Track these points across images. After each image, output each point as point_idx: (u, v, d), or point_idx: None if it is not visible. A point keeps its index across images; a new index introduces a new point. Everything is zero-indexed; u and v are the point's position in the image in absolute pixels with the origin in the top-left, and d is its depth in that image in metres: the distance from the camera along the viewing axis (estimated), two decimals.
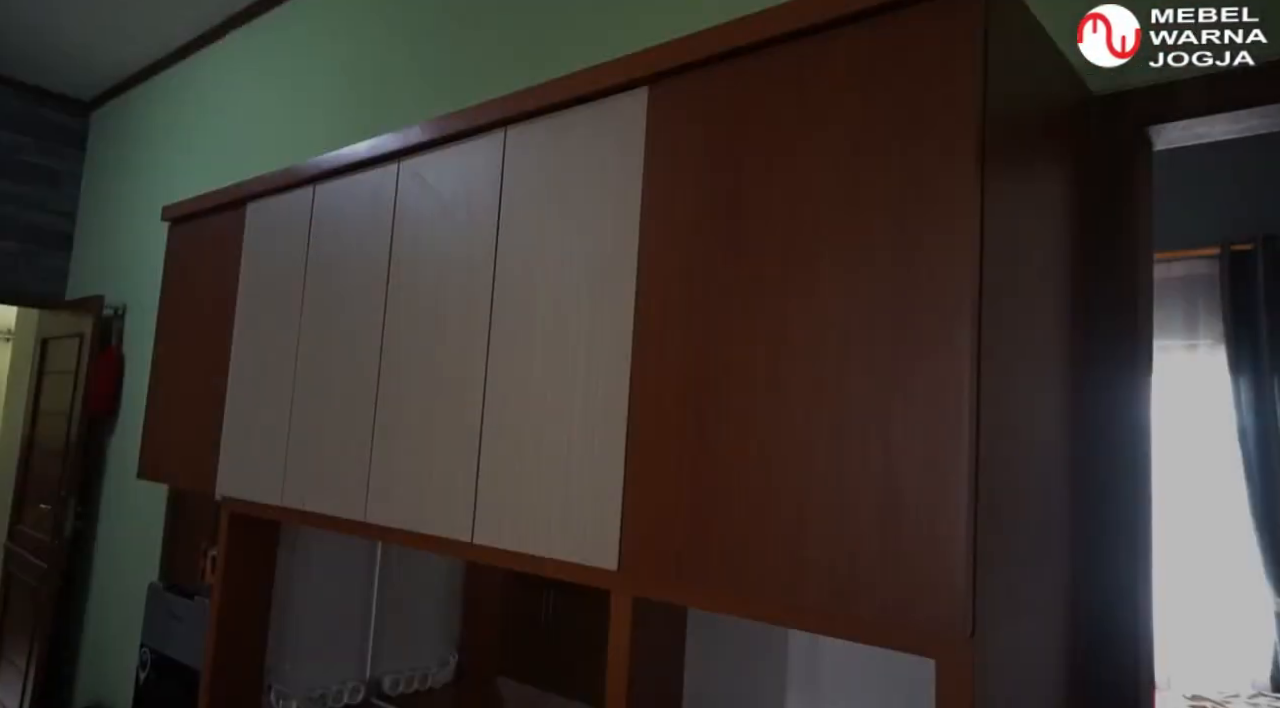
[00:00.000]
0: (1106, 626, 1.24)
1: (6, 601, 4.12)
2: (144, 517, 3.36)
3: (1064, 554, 1.17)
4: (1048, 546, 1.11)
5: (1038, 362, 1.10)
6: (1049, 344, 1.14)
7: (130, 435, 3.38)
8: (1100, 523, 1.25)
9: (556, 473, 1.29)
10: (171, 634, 2.21)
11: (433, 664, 2.39)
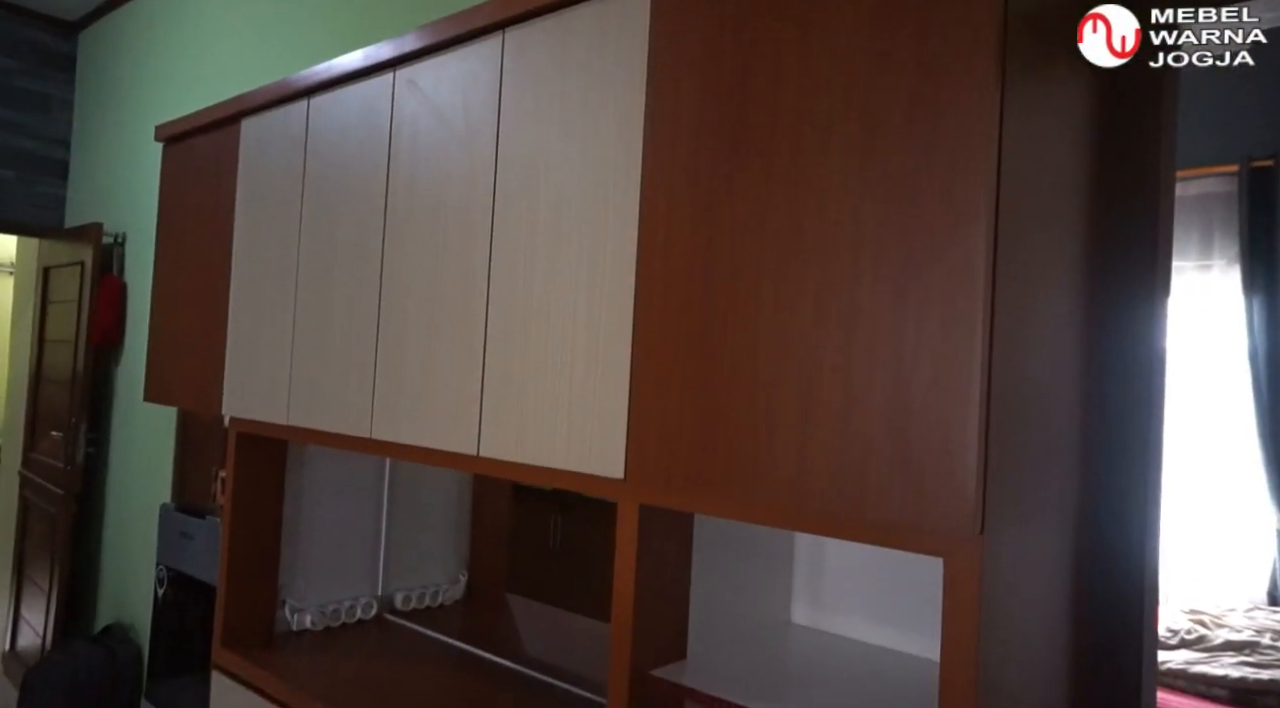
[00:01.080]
0: (1114, 539, 1.23)
1: (25, 526, 4.20)
2: (155, 442, 3.40)
3: (1074, 467, 1.16)
4: (1059, 456, 1.10)
5: (1054, 272, 1.07)
6: (1066, 257, 1.11)
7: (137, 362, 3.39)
8: (1113, 440, 1.24)
9: (561, 383, 1.27)
10: (185, 553, 2.25)
11: (443, 582, 2.43)
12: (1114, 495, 1.23)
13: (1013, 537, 0.95)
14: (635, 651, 1.18)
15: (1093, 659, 1.22)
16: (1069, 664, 1.16)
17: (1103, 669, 1.22)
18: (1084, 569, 1.21)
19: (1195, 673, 2.59)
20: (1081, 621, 1.19)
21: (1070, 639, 1.16)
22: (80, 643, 3.39)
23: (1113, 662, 1.22)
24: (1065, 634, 1.15)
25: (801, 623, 1.48)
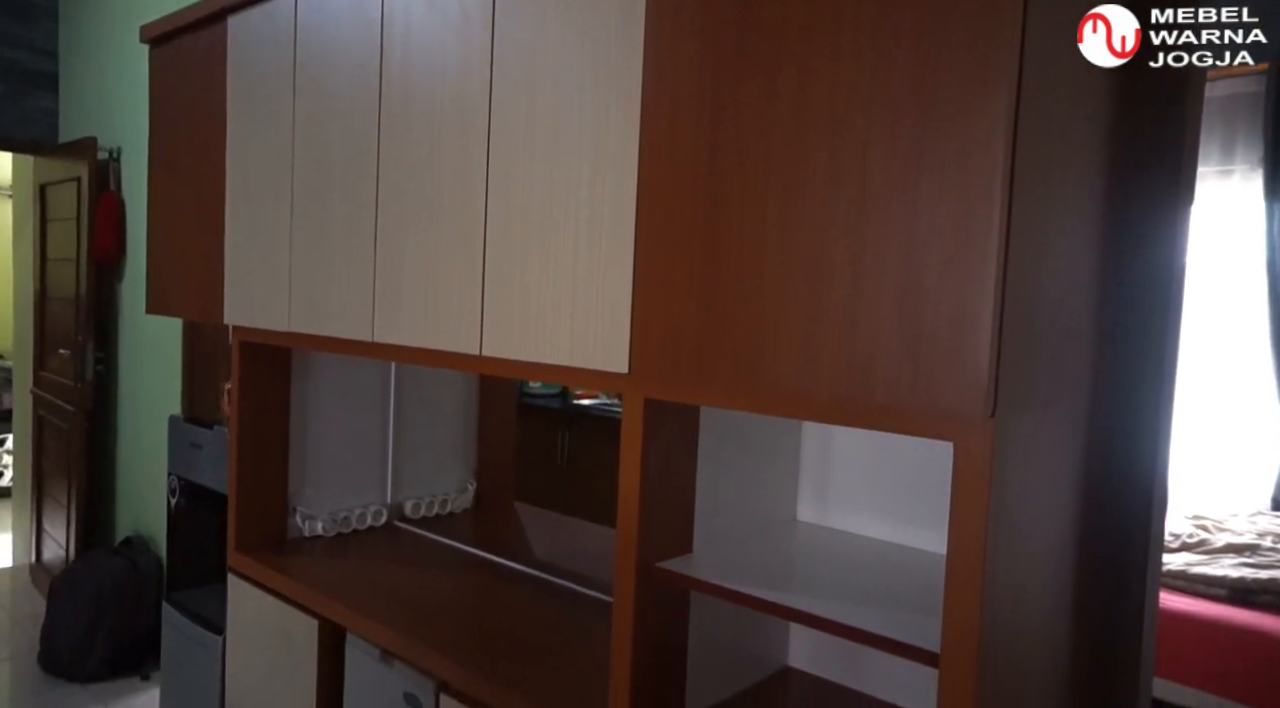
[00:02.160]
0: (1125, 442, 1.22)
1: (41, 443, 4.26)
2: (162, 357, 3.40)
3: (1088, 368, 1.14)
4: (1072, 352, 1.07)
5: (1078, 158, 1.02)
6: (1089, 148, 1.05)
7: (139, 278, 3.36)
8: (1128, 345, 1.21)
9: (564, 278, 1.25)
10: (195, 462, 2.27)
11: (452, 491, 2.46)
12: (1126, 400, 1.21)
13: (1023, 425, 0.93)
14: (641, 544, 1.19)
15: (1098, 559, 1.22)
16: (1074, 563, 1.16)
17: (1107, 569, 1.22)
18: (1093, 470, 1.20)
19: (1195, 574, 2.63)
20: (1088, 520, 1.19)
21: (1076, 538, 1.16)
22: (102, 554, 3.47)
23: (1117, 562, 1.23)
24: (1071, 533, 1.14)
25: (807, 520, 1.49)
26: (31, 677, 3.33)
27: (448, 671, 1.48)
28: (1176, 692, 2.43)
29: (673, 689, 1.27)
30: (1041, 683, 1.08)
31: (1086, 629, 1.21)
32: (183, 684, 2.29)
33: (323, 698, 1.78)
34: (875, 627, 0.99)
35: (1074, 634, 1.18)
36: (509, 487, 2.61)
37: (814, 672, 1.47)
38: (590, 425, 4.90)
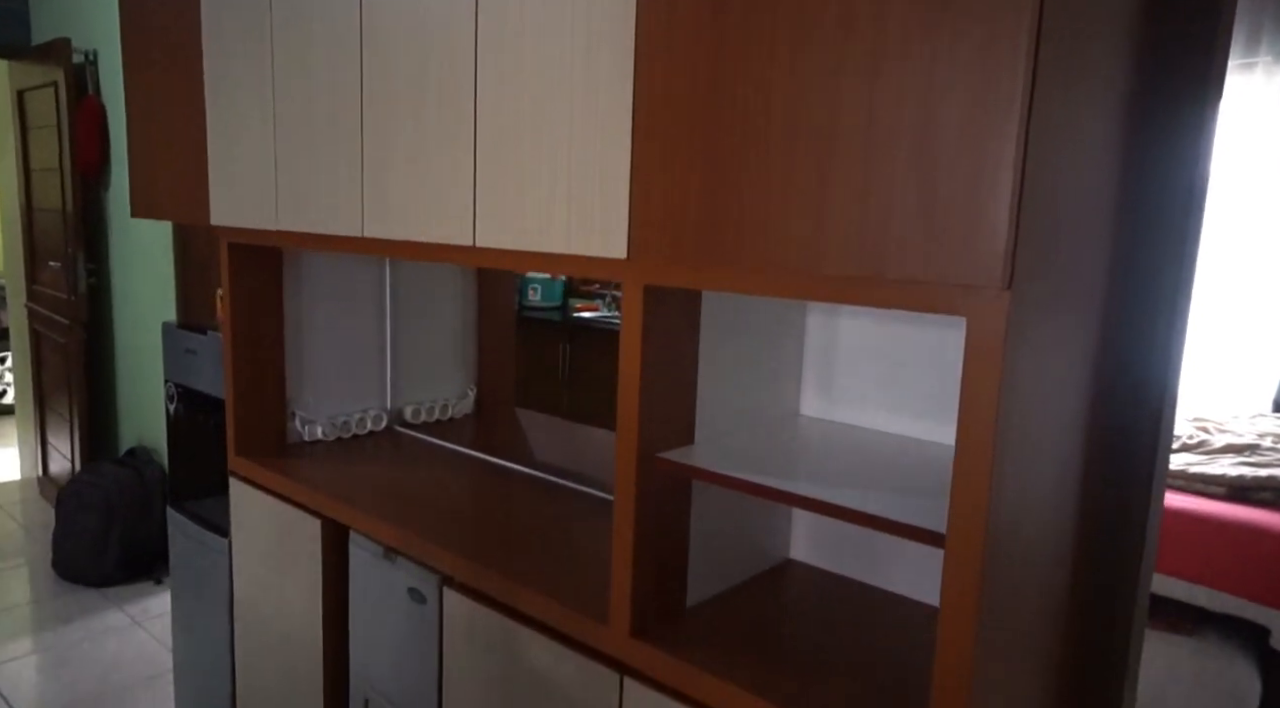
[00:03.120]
0: (1138, 343, 1.19)
1: (40, 357, 4.24)
2: (155, 266, 3.35)
3: (1104, 257, 1.09)
4: (1090, 237, 1.02)
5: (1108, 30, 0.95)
6: (1115, 23, 0.97)
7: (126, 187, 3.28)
8: (1146, 242, 1.16)
9: (558, 160, 1.19)
10: (192, 368, 2.25)
11: (452, 396, 2.45)
12: (1142, 301, 1.17)
13: (1038, 302, 0.89)
14: (642, 434, 1.16)
15: (1105, 457, 1.20)
16: (1081, 458, 1.14)
17: (1114, 468, 1.21)
18: (1104, 368, 1.17)
19: (1193, 473, 2.64)
20: (1097, 419, 1.16)
21: (1084, 434, 1.13)
22: (107, 465, 3.50)
23: (1124, 461, 1.21)
24: (1080, 428, 1.12)
25: (811, 415, 1.47)
26: (49, 581, 3.41)
27: (451, 565, 1.49)
28: (1168, 585, 2.48)
29: (674, 580, 1.27)
30: (1045, 572, 1.08)
31: (1090, 525, 1.20)
32: (193, 587, 2.32)
33: (329, 595, 1.80)
34: (880, 510, 0.97)
35: (1078, 529, 1.17)
36: (510, 392, 2.60)
37: (816, 564, 1.48)
38: (591, 338, 4.87)
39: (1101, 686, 1.28)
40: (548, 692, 1.32)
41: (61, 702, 2.58)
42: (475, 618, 1.44)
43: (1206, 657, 2.44)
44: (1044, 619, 1.11)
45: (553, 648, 1.31)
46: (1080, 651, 1.26)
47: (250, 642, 2.08)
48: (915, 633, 1.25)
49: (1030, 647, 1.08)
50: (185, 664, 2.43)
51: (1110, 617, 1.26)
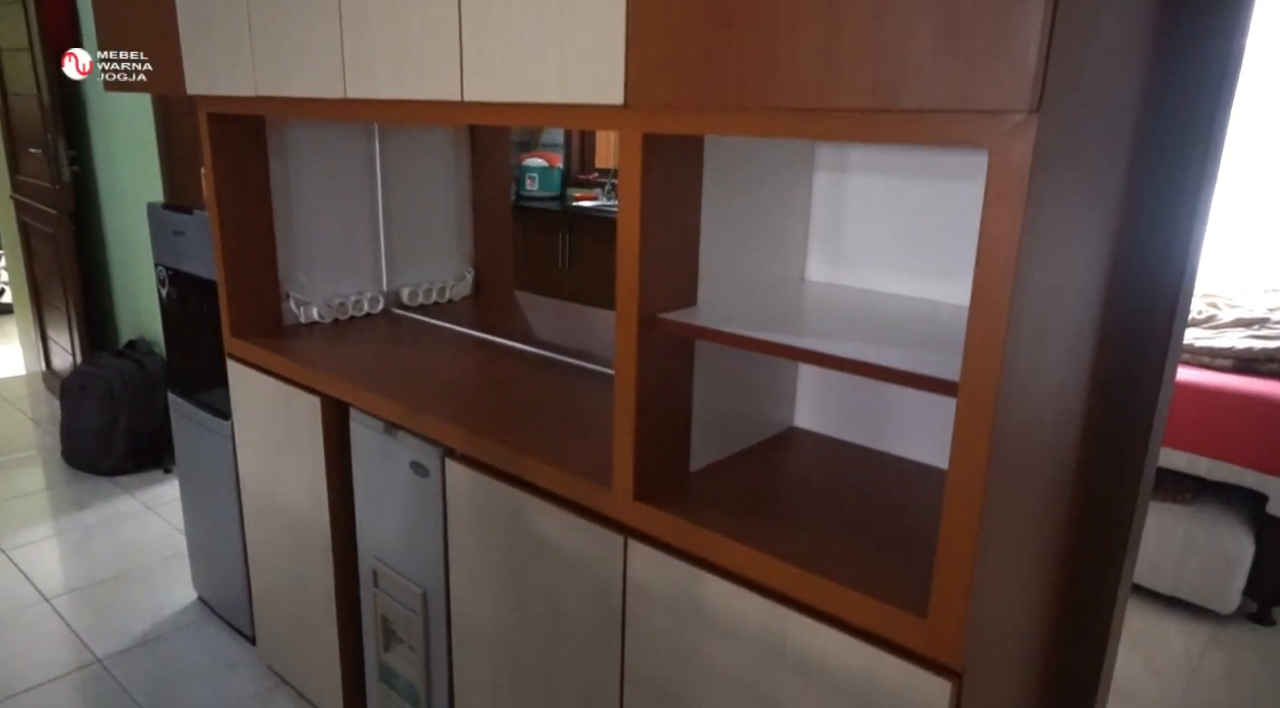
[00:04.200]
0: (1159, 216, 1.13)
1: (31, 249, 4.17)
2: (139, 150, 3.24)
3: (1130, 117, 1.02)
4: (1119, 82, 0.95)
5: None
6: None
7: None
8: (1175, 116, 1.09)
9: (548, 2, 1.10)
10: (180, 250, 2.19)
11: (449, 279, 2.40)
12: (1167, 173, 1.11)
13: (1064, 140, 0.83)
14: (643, 294, 1.12)
15: (1120, 327, 1.16)
16: (1097, 327, 1.10)
17: (1128, 340, 1.17)
18: (1126, 236, 1.12)
19: (1201, 347, 2.61)
20: (1115, 287, 1.12)
21: (1101, 302, 1.10)
22: (107, 357, 3.49)
23: (1139, 333, 1.17)
24: (1098, 296, 1.08)
25: (818, 279, 1.42)
26: (61, 471, 3.45)
27: (453, 437, 1.48)
28: (1169, 456, 2.49)
29: (677, 445, 1.25)
30: (1054, 435, 1.06)
31: (1101, 394, 1.18)
32: (198, 471, 2.34)
33: (332, 472, 1.80)
34: (891, 362, 0.94)
35: (1089, 396, 1.15)
36: (509, 275, 2.55)
37: (821, 431, 1.47)
38: (591, 227, 4.78)
39: (1103, 551, 1.29)
40: (553, 557, 1.33)
41: (82, 582, 2.65)
42: (478, 489, 1.44)
43: (1201, 524, 2.48)
44: (1051, 482, 1.10)
45: (556, 514, 1.31)
46: (1084, 517, 1.26)
47: (258, 521, 2.11)
48: (922, 494, 1.24)
49: (1037, 508, 1.07)
50: (198, 545, 2.48)
51: (1116, 485, 1.25)
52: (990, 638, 0.98)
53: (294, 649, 2.09)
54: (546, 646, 1.39)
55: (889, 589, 0.96)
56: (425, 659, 1.68)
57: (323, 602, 1.92)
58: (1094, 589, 1.29)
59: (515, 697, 1.48)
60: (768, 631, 1.06)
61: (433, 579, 1.62)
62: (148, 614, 2.48)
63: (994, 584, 0.95)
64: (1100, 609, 1.30)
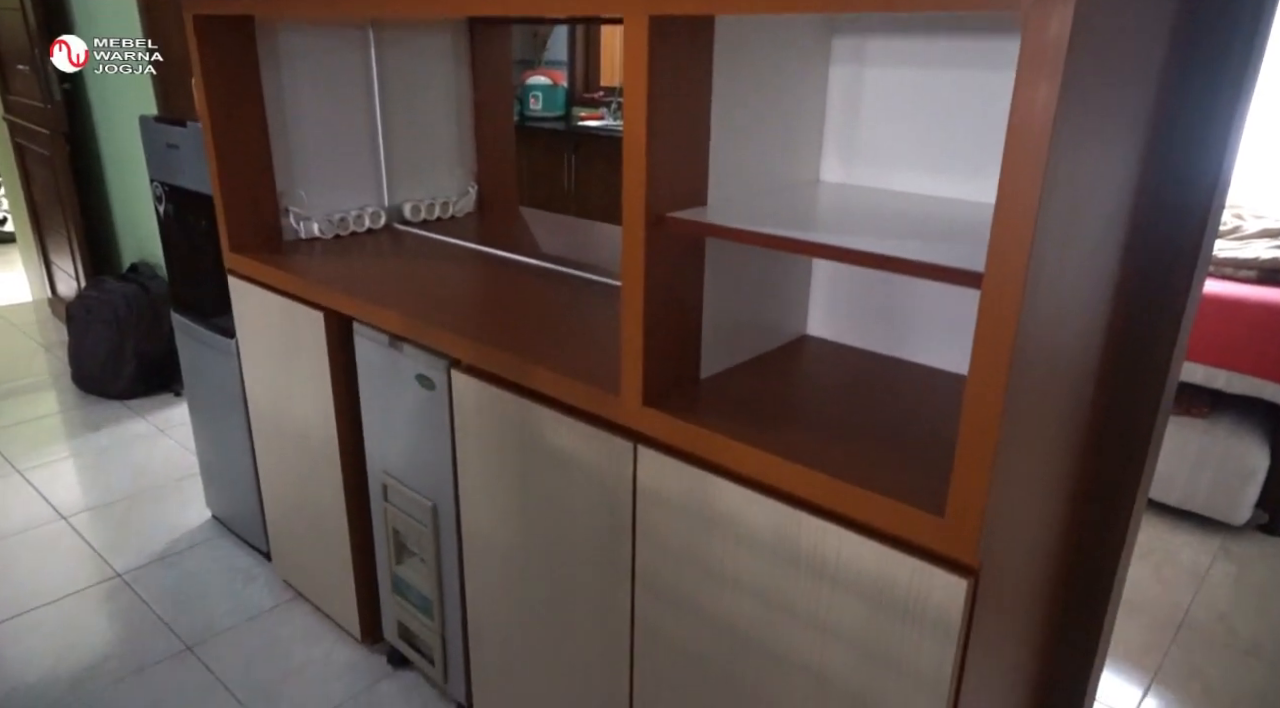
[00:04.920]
0: (1194, 124, 1.07)
1: (28, 172, 4.11)
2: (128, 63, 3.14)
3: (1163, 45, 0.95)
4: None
5: None
6: None
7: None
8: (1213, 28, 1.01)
9: None
10: (175, 165, 2.13)
11: (452, 194, 2.34)
12: (1202, 81, 1.03)
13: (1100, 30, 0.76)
14: (650, 191, 1.07)
15: (1148, 237, 1.11)
16: (1125, 233, 1.05)
17: (1155, 256, 1.12)
18: (1158, 143, 1.05)
19: (1224, 258, 2.55)
20: (1145, 195, 1.07)
21: (1132, 209, 1.04)
22: (111, 281, 3.46)
23: (1166, 250, 1.12)
24: (1129, 201, 1.02)
25: (833, 181, 1.37)
26: (72, 395, 3.47)
27: (459, 349, 1.45)
28: (1187, 369, 2.45)
29: (686, 351, 1.22)
30: (1078, 341, 1.02)
31: (1126, 304, 1.14)
32: (205, 391, 2.34)
33: (338, 387, 1.79)
34: (912, 254, 0.90)
35: (1114, 306, 1.11)
36: (513, 189, 2.48)
37: (835, 339, 1.43)
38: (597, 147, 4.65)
39: (1120, 463, 1.26)
40: (562, 467, 1.32)
41: (98, 501, 2.68)
42: (485, 400, 1.42)
43: (1217, 437, 2.45)
44: (1072, 389, 1.07)
45: (565, 423, 1.28)
46: (1103, 429, 1.23)
47: (267, 440, 2.11)
48: (939, 399, 1.21)
49: (1057, 414, 1.04)
50: (209, 465, 2.49)
51: (1136, 398, 1.22)
52: (1006, 540, 0.96)
53: (308, 564, 2.12)
54: (557, 554, 1.38)
55: (905, 490, 0.94)
56: (437, 571, 1.70)
57: (334, 517, 1.93)
58: (1109, 501, 1.27)
59: (526, 606, 1.49)
60: (780, 534, 1.04)
61: (442, 492, 1.61)
62: (164, 532, 2.51)
63: (1012, 486, 0.93)
64: (1115, 520, 1.28)
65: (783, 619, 1.07)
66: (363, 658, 2.00)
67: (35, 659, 1.99)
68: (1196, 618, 2.20)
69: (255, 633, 2.08)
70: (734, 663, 1.15)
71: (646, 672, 1.29)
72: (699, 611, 1.18)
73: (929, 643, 0.93)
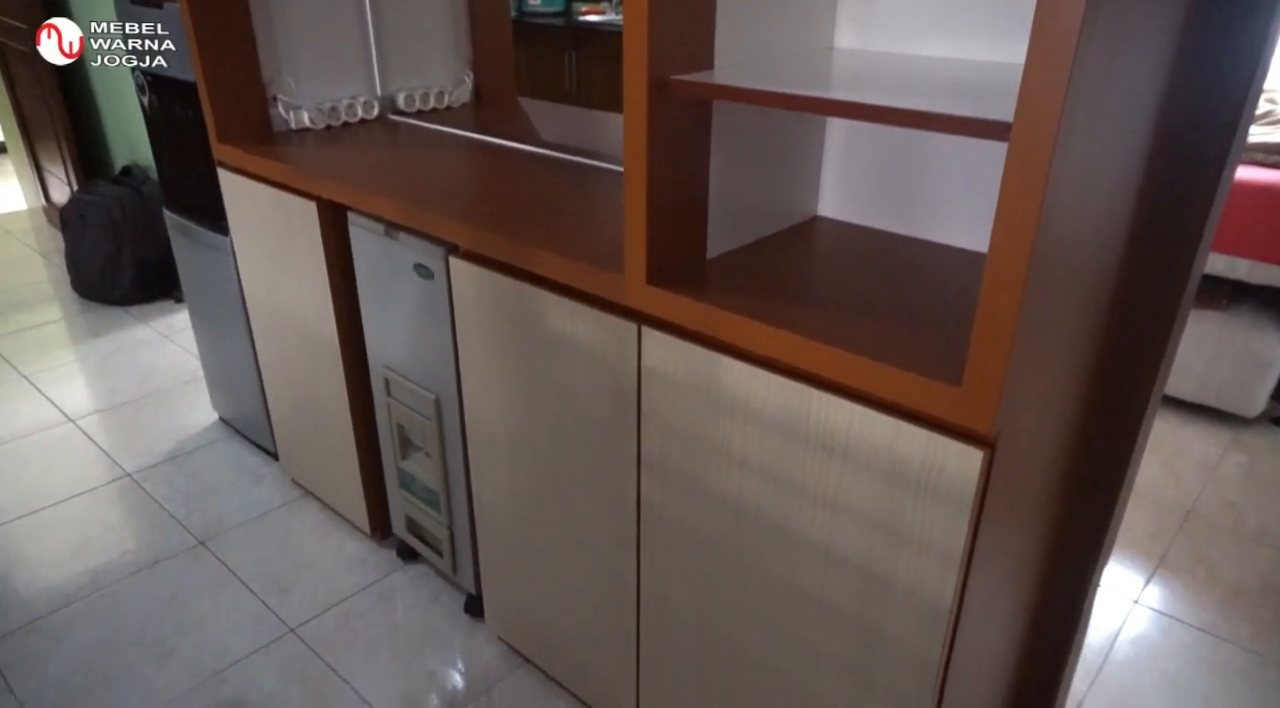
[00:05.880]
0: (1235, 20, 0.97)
1: (10, 73, 3.97)
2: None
3: None
4: None
5: None
6: None
7: None
8: None
9: None
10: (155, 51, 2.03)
11: (447, 84, 2.23)
12: None
13: None
14: (653, 52, 1.00)
15: (1179, 125, 1.04)
16: (1156, 117, 0.98)
17: (1186, 141, 1.05)
18: (1194, 28, 0.96)
19: (1255, 143, 2.44)
20: (1178, 80, 0.99)
21: (1166, 88, 0.96)
22: (104, 184, 3.38)
23: (1198, 136, 1.04)
24: (1163, 79, 0.94)
25: (847, 47, 1.28)
26: (73, 302, 3.44)
27: (457, 234, 1.40)
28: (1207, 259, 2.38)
29: (692, 228, 1.16)
30: (1105, 219, 0.96)
31: (1154, 190, 1.07)
32: (203, 291, 2.30)
33: (335, 280, 1.74)
34: (936, 108, 0.83)
35: (1141, 191, 1.04)
36: (510, 79, 2.37)
37: (847, 219, 1.37)
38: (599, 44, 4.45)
39: (1139, 355, 1.22)
40: (565, 351, 1.28)
41: (104, 404, 2.68)
42: (485, 286, 1.38)
43: (1235, 330, 2.40)
44: (1095, 269, 1.02)
45: (567, 306, 1.24)
46: (1123, 318, 1.19)
47: (268, 339, 2.08)
48: (958, 276, 1.16)
49: (1079, 293, 0.99)
50: (213, 368, 2.48)
51: (1159, 286, 1.17)
52: (1022, 415, 0.93)
53: (315, 462, 2.12)
54: (561, 441, 1.37)
55: (920, 362, 0.90)
56: (442, 464, 1.69)
57: (338, 415, 1.92)
58: (1126, 390, 1.24)
59: (532, 494, 1.48)
60: (789, 412, 1.01)
61: (444, 384, 1.59)
62: (171, 434, 2.52)
63: (1031, 359, 0.88)
64: (1130, 409, 1.25)
65: (791, 499, 1.05)
66: (372, 552, 2.03)
67: (54, 554, 2.02)
68: (1205, 508, 2.20)
69: (266, 529, 2.10)
70: (741, 545, 1.14)
71: (653, 556, 1.29)
72: (706, 493, 1.16)
73: (941, 517, 0.91)
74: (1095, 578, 1.40)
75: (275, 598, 1.88)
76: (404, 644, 1.76)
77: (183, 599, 1.88)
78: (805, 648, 1.12)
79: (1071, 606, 1.42)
